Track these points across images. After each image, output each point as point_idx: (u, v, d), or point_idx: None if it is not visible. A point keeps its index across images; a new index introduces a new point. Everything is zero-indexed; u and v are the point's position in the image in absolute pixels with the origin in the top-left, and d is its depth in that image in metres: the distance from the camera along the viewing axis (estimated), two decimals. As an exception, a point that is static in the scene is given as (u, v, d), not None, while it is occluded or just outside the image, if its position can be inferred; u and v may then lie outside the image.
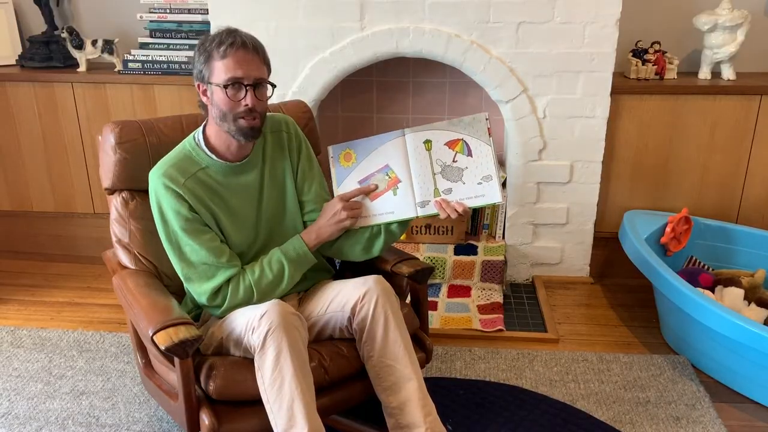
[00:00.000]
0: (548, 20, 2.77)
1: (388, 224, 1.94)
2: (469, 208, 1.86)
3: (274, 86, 1.84)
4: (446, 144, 1.91)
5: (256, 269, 1.86)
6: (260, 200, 1.94)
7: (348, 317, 1.86)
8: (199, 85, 1.82)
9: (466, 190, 1.88)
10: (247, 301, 1.84)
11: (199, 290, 1.84)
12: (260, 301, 1.83)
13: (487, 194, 1.87)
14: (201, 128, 1.90)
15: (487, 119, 1.88)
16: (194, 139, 1.89)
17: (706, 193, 3.07)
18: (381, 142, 1.95)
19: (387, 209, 1.92)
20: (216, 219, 1.87)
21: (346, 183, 1.97)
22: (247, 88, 1.77)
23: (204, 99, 1.83)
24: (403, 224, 1.95)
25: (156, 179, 1.83)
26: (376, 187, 1.93)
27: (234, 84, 1.76)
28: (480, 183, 1.87)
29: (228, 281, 1.83)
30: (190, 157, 1.86)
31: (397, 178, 1.92)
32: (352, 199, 1.93)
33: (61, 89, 3.15)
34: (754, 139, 2.98)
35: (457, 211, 1.85)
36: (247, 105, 1.77)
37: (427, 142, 1.92)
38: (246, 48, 1.76)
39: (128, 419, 2.24)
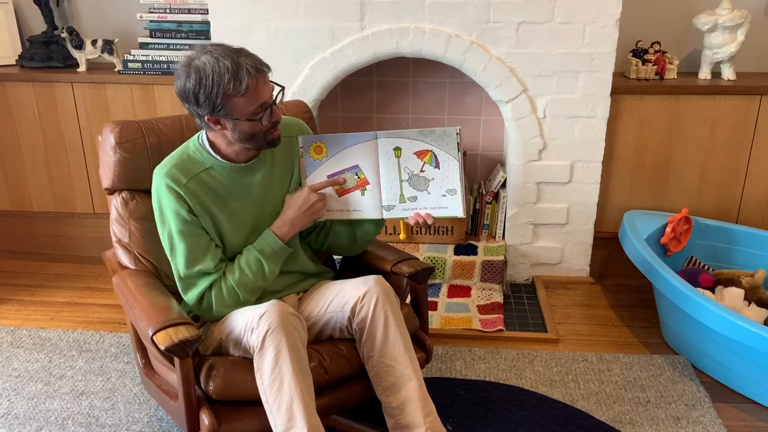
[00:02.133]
0: (548, 20, 2.77)
1: (360, 223, 1.98)
2: (434, 219, 1.90)
3: (283, 88, 1.83)
4: (415, 153, 1.93)
5: (236, 271, 1.86)
6: (262, 203, 1.93)
7: (348, 317, 1.86)
8: (210, 119, 1.77)
9: (430, 200, 1.92)
10: (235, 302, 1.85)
11: (186, 299, 1.87)
12: (247, 299, 1.85)
13: (450, 207, 1.91)
14: (204, 132, 1.89)
15: (458, 134, 1.90)
16: (198, 140, 1.89)
17: (706, 193, 3.07)
18: (354, 141, 1.96)
19: (354, 207, 1.95)
20: (214, 221, 1.86)
21: (315, 175, 1.97)
22: (272, 106, 1.78)
23: (216, 128, 1.80)
24: (377, 223, 1.99)
25: (159, 178, 1.83)
26: (345, 180, 1.95)
27: (264, 111, 1.76)
28: (444, 195, 1.91)
29: (210, 287, 1.84)
30: (193, 158, 1.86)
31: (366, 180, 1.94)
32: (321, 191, 1.93)
33: (61, 89, 3.15)
34: (754, 139, 2.98)
35: (426, 223, 1.89)
36: (274, 121, 1.80)
37: (397, 149, 1.94)
38: (259, 72, 1.73)
39: (128, 419, 2.24)
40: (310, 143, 1.98)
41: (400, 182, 1.92)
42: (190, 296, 1.85)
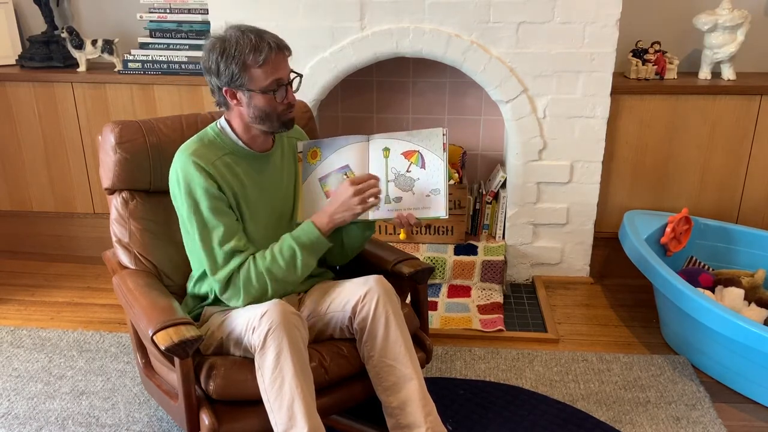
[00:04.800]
0: (548, 20, 2.77)
1: (347, 228, 1.97)
2: (417, 219, 1.89)
3: (301, 76, 1.87)
4: (403, 154, 1.94)
5: (267, 255, 1.83)
6: (273, 195, 1.94)
7: (349, 317, 1.86)
8: (227, 91, 1.81)
9: (414, 201, 1.91)
10: (262, 290, 1.81)
11: (216, 280, 1.81)
12: (276, 292, 1.82)
13: (433, 207, 1.90)
14: (222, 118, 1.91)
15: (444, 134, 1.91)
16: (217, 126, 1.91)
17: (706, 193, 3.07)
18: (346, 143, 1.99)
19: None
20: (237, 203, 1.87)
21: (309, 179, 2.00)
22: (287, 87, 1.82)
23: (233, 102, 1.83)
24: (365, 228, 1.98)
25: (185, 158, 1.81)
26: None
27: (279, 87, 1.79)
28: (428, 195, 1.91)
29: (239, 268, 1.80)
30: (214, 142, 1.87)
31: None
32: (361, 186, 1.86)
33: (61, 89, 3.15)
34: (754, 139, 2.98)
35: (409, 223, 1.88)
36: (289, 102, 1.83)
37: (386, 149, 1.96)
38: (280, 50, 1.79)
39: (128, 419, 2.24)
40: (308, 149, 2.02)
41: (386, 182, 1.93)
42: (219, 277, 1.80)
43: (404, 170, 1.93)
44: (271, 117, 1.83)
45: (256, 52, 1.75)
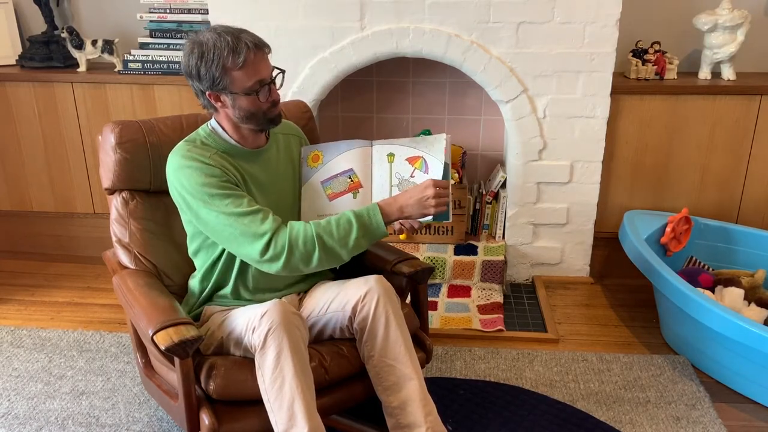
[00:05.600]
0: (548, 20, 2.77)
1: None
2: (420, 223, 1.88)
3: (283, 72, 1.86)
4: (407, 159, 1.95)
5: (322, 222, 1.78)
6: (267, 191, 1.94)
7: (349, 317, 1.86)
8: (210, 94, 1.81)
9: None
10: (307, 256, 1.74)
11: (250, 246, 1.74)
12: (320, 261, 1.75)
13: None
14: (213, 119, 1.91)
15: (446, 140, 1.92)
16: (208, 127, 1.91)
17: (706, 193, 3.08)
18: (349, 147, 1.99)
19: (344, 209, 1.93)
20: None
21: (310, 182, 2.00)
22: (270, 85, 1.82)
23: (217, 105, 1.83)
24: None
25: (180, 157, 1.81)
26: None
27: (262, 87, 1.79)
28: None
29: (279, 229, 1.74)
30: (206, 143, 1.87)
31: (359, 183, 1.96)
32: (443, 190, 1.82)
33: (61, 89, 3.15)
34: (754, 139, 2.98)
35: (413, 227, 1.87)
36: (273, 100, 1.83)
37: (390, 155, 1.96)
38: (258, 49, 1.78)
39: (128, 419, 2.24)
40: (308, 153, 2.03)
41: (390, 187, 1.93)
42: (259, 237, 1.73)
43: (408, 175, 1.93)
44: (257, 116, 1.83)
45: (235, 54, 1.74)
